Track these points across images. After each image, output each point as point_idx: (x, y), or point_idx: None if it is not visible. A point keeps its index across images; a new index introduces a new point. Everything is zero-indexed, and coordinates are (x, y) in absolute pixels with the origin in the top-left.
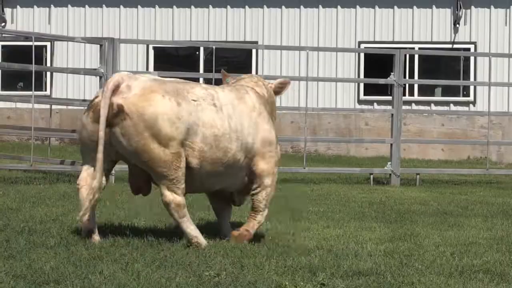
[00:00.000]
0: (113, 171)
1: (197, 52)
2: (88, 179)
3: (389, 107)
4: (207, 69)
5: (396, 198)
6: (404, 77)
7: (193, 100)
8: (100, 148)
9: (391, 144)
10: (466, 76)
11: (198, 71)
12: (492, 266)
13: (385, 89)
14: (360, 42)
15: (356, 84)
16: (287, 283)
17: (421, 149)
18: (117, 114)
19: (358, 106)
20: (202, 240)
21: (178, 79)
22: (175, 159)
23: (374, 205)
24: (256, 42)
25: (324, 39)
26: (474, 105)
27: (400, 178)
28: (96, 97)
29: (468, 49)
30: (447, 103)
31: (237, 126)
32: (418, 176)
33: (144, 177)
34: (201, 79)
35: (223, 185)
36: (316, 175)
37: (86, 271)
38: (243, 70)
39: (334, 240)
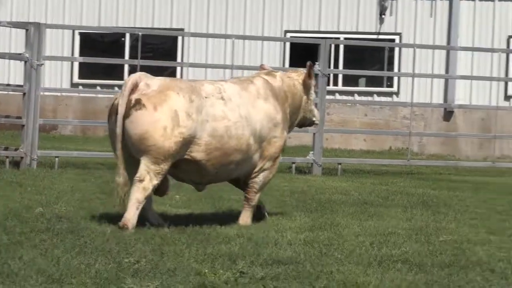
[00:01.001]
0: (35, 156)
1: (123, 38)
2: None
3: None
4: (133, 55)
5: (317, 187)
6: (329, 67)
7: (205, 97)
8: (119, 145)
9: (314, 134)
10: (391, 66)
11: (124, 57)
12: (410, 256)
13: None
14: (286, 31)
15: None
16: (206, 270)
17: (343, 139)
18: (133, 106)
19: None
20: (130, 230)
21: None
22: (175, 153)
23: (295, 194)
24: (183, 29)
25: (250, 27)
26: (397, 96)
27: (322, 168)
28: (116, 98)
29: (393, 40)
30: (370, 94)
31: (246, 114)
32: (340, 166)
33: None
34: (126, 66)
35: (241, 172)
36: None
37: (6, 256)
38: (169, 57)
39: (254, 228)
